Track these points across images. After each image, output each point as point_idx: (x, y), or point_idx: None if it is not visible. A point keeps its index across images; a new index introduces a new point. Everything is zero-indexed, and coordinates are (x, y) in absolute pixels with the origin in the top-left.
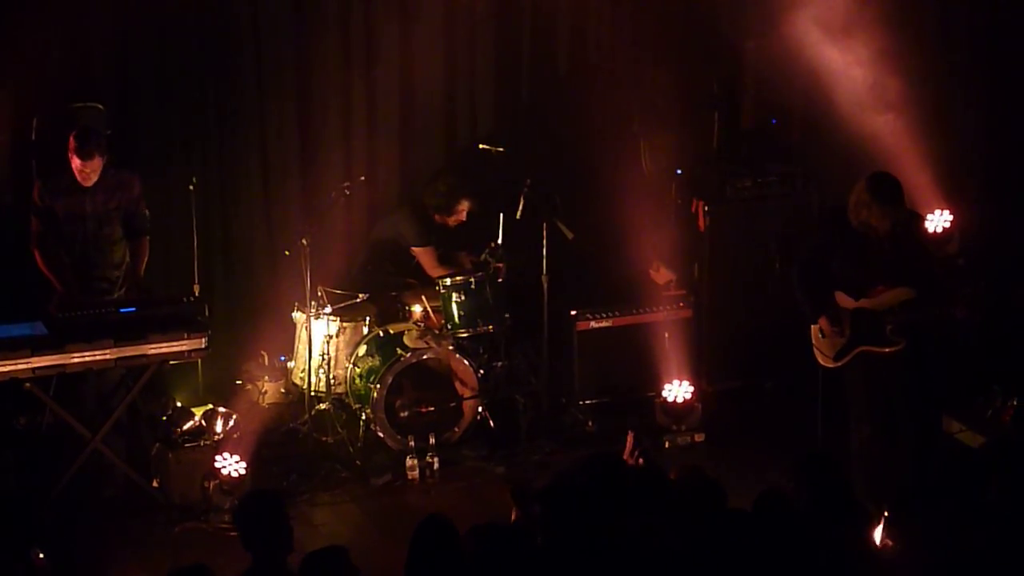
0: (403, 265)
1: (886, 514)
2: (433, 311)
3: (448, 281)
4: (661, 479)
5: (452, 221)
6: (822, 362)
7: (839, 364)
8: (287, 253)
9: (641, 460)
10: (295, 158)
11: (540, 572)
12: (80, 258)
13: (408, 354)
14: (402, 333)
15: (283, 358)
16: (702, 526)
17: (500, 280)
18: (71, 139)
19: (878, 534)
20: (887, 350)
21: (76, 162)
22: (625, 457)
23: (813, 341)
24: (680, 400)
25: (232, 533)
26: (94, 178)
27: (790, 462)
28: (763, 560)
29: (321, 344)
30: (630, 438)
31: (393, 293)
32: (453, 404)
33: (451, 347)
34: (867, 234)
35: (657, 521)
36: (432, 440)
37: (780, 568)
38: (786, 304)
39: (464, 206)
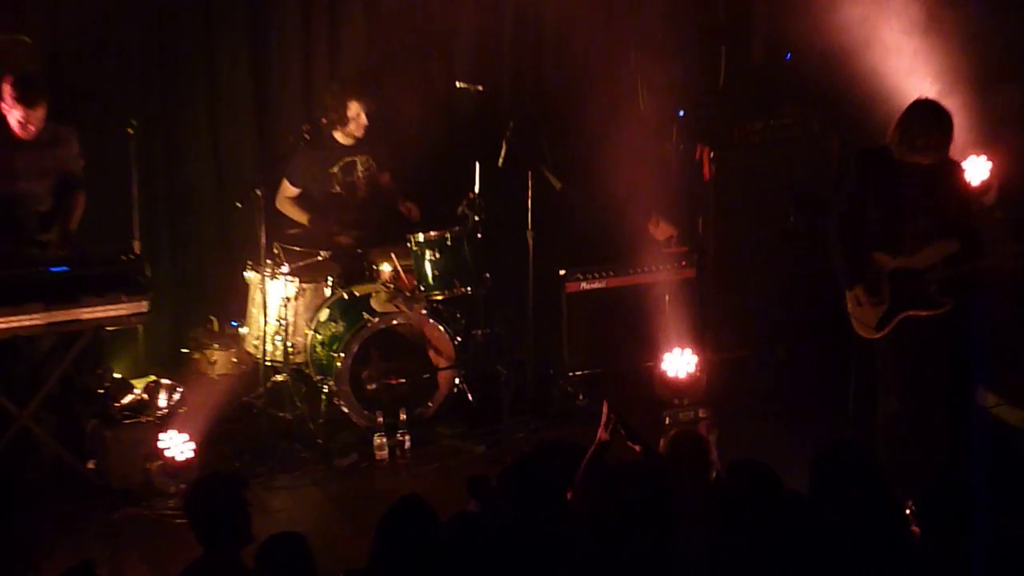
0: (351, 213)
1: (911, 502)
2: (404, 271)
3: (421, 237)
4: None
5: (355, 131)
6: (863, 333)
7: (883, 334)
8: (239, 205)
9: (623, 431)
10: (248, 98)
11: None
12: (7, 219)
13: (376, 319)
14: (369, 295)
15: (235, 324)
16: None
17: (479, 236)
18: (9, 87)
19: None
20: (933, 313)
21: (19, 112)
22: (600, 432)
23: (850, 309)
24: (682, 371)
25: (178, 520)
26: (36, 129)
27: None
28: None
29: (278, 308)
30: (605, 408)
31: (359, 250)
32: (427, 376)
33: (424, 311)
34: (907, 175)
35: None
36: (403, 416)
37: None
38: (801, 262)
39: (356, 109)
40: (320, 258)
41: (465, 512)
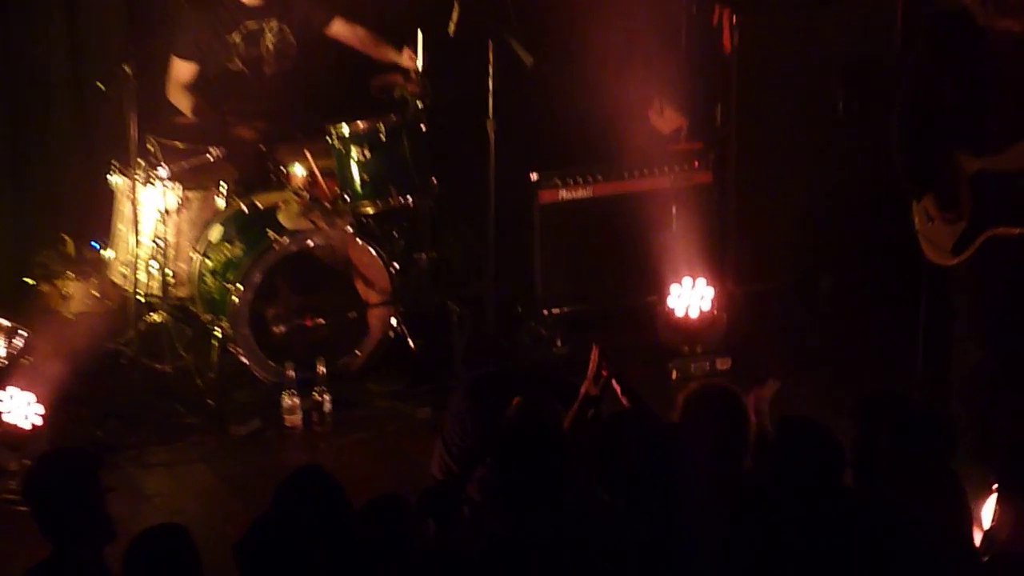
0: (248, 97)
1: (996, 484)
2: (322, 174)
3: (345, 129)
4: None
5: None
6: (934, 258)
7: (961, 259)
8: (102, 87)
9: (616, 387)
10: None
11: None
12: None
13: (285, 239)
14: (276, 208)
15: (96, 245)
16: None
17: (423, 128)
18: None
19: (987, 510)
20: None
21: None
22: (585, 384)
23: (917, 227)
24: (694, 309)
25: (21, 507)
26: None
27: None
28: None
29: (154, 224)
30: (594, 354)
31: (263, 147)
32: (353, 315)
33: (350, 229)
34: (995, 46)
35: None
36: (322, 369)
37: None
38: (853, 163)
39: None
40: (211, 157)
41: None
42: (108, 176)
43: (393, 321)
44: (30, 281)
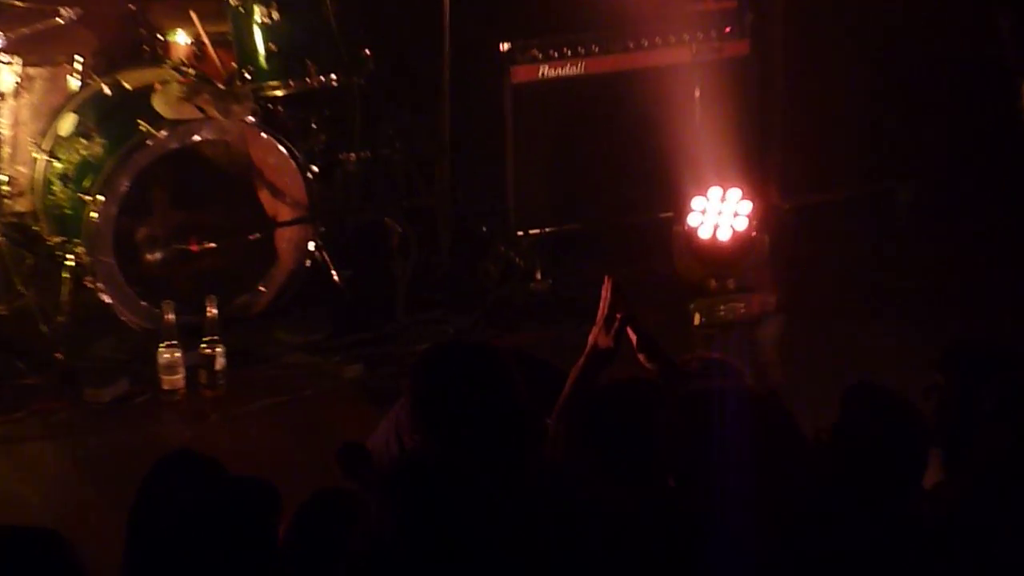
0: None
1: None
2: (213, 43)
3: None
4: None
5: None
6: None
7: None
8: None
9: (632, 336)
10: None
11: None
12: None
13: (162, 133)
14: (150, 89)
15: None
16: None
17: None
18: None
19: None
20: None
21: None
22: (594, 333)
23: None
24: (725, 229)
25: None
26: None
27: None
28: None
29: None
30: (606, 288)
31: (131, 6)
32: (257, 236)
33: (252, 119)
34: None
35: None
36: (213, 311)
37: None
38: (942, 32)
39: None
40: (61, 21)
41: (333, 490)
42: None
43: (311, 245)
44: None
